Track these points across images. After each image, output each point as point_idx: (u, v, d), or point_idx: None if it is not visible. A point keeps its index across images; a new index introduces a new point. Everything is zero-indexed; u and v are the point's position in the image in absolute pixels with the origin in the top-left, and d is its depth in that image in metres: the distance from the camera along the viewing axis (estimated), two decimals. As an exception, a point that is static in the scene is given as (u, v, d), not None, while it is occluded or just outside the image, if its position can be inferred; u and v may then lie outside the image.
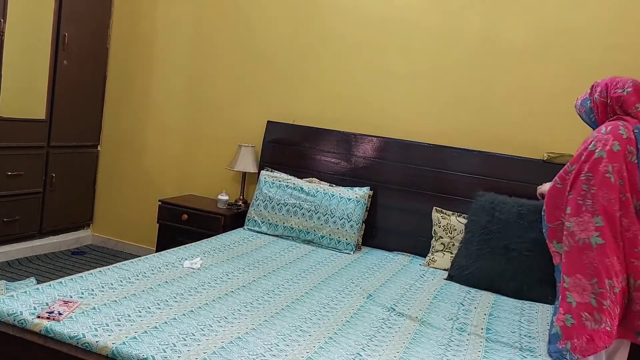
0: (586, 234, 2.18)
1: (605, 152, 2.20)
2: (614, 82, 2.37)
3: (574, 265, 2.18)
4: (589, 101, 2.45)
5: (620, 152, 2.19)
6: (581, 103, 2.50)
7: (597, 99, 2.40)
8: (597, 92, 2.40)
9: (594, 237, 2.16)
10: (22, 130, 3.97)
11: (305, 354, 1.94)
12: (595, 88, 2.43)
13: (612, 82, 2.37)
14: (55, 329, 1.88)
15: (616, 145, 2.20)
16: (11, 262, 3.99)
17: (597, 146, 2.22)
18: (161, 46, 4.50)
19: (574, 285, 2.17)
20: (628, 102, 2.31)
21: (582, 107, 2.50)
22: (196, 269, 2.75)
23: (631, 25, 3.36)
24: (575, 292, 2.17)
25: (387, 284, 2.95)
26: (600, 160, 2.20)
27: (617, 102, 2.33)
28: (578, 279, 2.18)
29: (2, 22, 3.70)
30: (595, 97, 2.41)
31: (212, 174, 4.34)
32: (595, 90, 2.43)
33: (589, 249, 2.17)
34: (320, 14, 4.03)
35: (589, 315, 2.13)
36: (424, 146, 3.69)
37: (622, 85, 2.34)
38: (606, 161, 2.19)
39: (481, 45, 3.65)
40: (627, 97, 2.30)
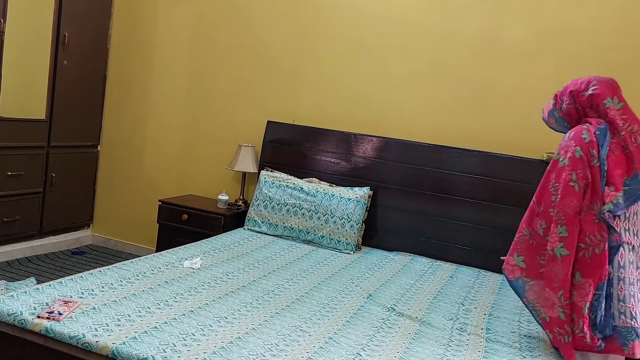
0: (551, 245, 2.17)
1: (567, 159, 2.19)
2: (577, 86, 2.33)
3: (548, 279, 2.18)
4: (557, 111, 2.42)
5: (583, 157, 2.17)
6: (549, 115, 2.48)
7: (566, 108, 2.37)
8: (565, 101, 2.37)
9: (558, 249, 2.15)
10: (22, 130, 3.97)
11: (305, 354, 1.94)
12: (560, 97, 2.40)
13: (576, 87, 2.33)
14: (55, 329, 1.88)
15: (578, 151, 2.19)
16: (11, 262, 3.99)
17: (561, 154, 2.23)
18: (161, 46, 4.50)
19: (546, 299, 2.18)
20: (597, 99, 2.26)
21: (550, 119, 2.47)
22: (196, 269, 2.75)
23: (631, 26, 3.36)
24: (546, 307, 2.19)
25: (387, 284, 2.95)
26: (564, 168, 2.19)
27: (587, 104, 2.29)
28: (547, 292, 2.18)
29: (2, 22, 3.70)
30: (563, 107, 2.38)
31: (212, 174, 4.34)
32: (560, 99, 2.40)
33: (554, 260, 2.16)
34: (320, 14, 4.03)
35: (560, 330, 2.15)
36: (424, 146, 3.69)
37: (585, 86, 2.30)
38: (569, 169, 2.18)
39: (481, 45, 3.65)
40: (595, 95, 2.26)
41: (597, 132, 2.22)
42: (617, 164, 2.22)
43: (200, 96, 4.40)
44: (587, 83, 2.30)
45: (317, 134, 3.95)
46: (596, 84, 2.28)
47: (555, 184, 2.22)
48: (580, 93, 2.30)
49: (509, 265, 2.36)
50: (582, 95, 2.29)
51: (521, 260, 2.31)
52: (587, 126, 2.26)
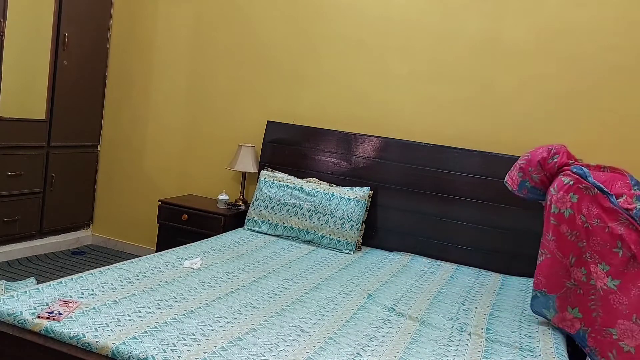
0: (600, 283, 2.31)
1: (569, 208, 2.40)
2: (542, 157, 2.58)
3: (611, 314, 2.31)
4: (528, 182, 2.65)
5: (580, 198, 2.39)
6: (519, 188, 2.69)
7: (537, 177, 2.61)
8: (534, 172, 2.60)
9: (610, 282, 2.31)
10: (22, 130, 3.97)
11: (305, 354, 1.94)
12: (526, 169, 2.63)
13: (541, 157, 2.58)
14: (55, 329, 1.88)
15: (572, 196, 2.40)
16: (11, 262, 3.99)
17: (560, 208, 2.43)
18: (161, 46, 4.50)
19: (622, 331, 2.28)
20: (561, 164, 2.53)
21: (522, 190, 2.69)
22: (196, 269, 2.75)
23: (632, 26, 3.36)
24: (627, 338, 2.28)
25: (388, 283, 2.95)
26: (572, 216, 2.39)
27: (554, 169, 2.55)
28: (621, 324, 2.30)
29: (2, 22, 3.70)
30: (533, 177, 2.61)
31: (212, 174, 4.34)
32: (528, 171, 2.63)
33: (611, 293, 2.30)
34: (320, 13, 4.03)
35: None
36: (424, 146, 3.69)
37: (548, 154, 2.57)
38: (577, 214, 2.38)
39: (481, 45, 3.65)
40: (561, 162, 2.53)
41: (573, 170, 2.45)
42: (610, 179, 2.44)
43: (200, 96, 4.40)
44: (548, 151, 2.58)
45: (317, 134, 3.94)
46: (556, 151, 2.57)
47: (572, 231, 2.40)
48: (546, 161, 2.57)
49: (567, 321, 2.49)
50: (548, 163, 2.56)
51: (577, 311, 2.44)
52: (560, 176, 2.50)
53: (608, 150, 3.41)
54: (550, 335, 2.48)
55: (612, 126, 3.41)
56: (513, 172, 2.73)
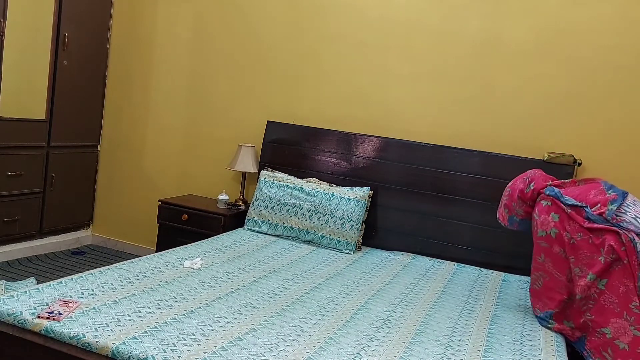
0: (590, 291, 2.42)
1: (553, 228, 2.52)
2: (519, 189, 2.71)
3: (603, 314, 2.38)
4: (515, 217, 2.78)
5: (561, 216, 2.51)
6: (510, 223, 2.82)
7: (521, 211, 2.74)
8: (517, 207, 2.74)
9: (600, 284, 2.40)
10: (22, 130, 3.97)
11: (305, 354, 1.94)
12: (510, 206, 2.77)
13: (519, 190, 2.71)
14: (55, 329, 1.88)
15: (554, 216, 2.54)
16: (11, 262, 3.99)
17: (546, 229, 2.55)
18: (161, 46, 4.50)
19: (615, 329, 2.35)
20: (538, 190, 2.67)
21: (513, 224, 2.82)
22: (196, 269, 2.75)
23: (631, 26, 3.36)
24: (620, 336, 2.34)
25: (389, 284, 2.95)
26: (558, 235, 2.51)
27: (534, 196, 2.68)
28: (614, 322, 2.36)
29: (2, 22, 3.70)
30: (517, 211, 2.75)
31: (212, 174, 4.34)
32: (512, 207, 2.76)
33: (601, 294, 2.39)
34: (320, 14, 4.02)
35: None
36: (424, 146, 3.69)
37: (524, 185, 2.71)
38: (562, 232, 2.50)
39: (481, 45, 3.65)
40: (537, 188, 2.66)
41: (547, 192, 2.59)
42: (583, 191, 2.59)
43: (200, 96, 4.39)
44: (523, 182, 2.72)
45: (317, 134, 3.94)
46: (531, 179, 2.70)
47: (563, 249, 2.51)
48: (524, 192, 2.69)
49: (568, 330, 2.54)
50: (525, 193, 2.69)
51: (571, 323, 2.53)
52: (539, 201, 2.64)
53: (608, 150, 3.41)
54: (551, 334, 2.49)
55: (612, 126, 3.41)
56: (501, 209, 2.86)
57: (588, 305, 2.43)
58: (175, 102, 4.48)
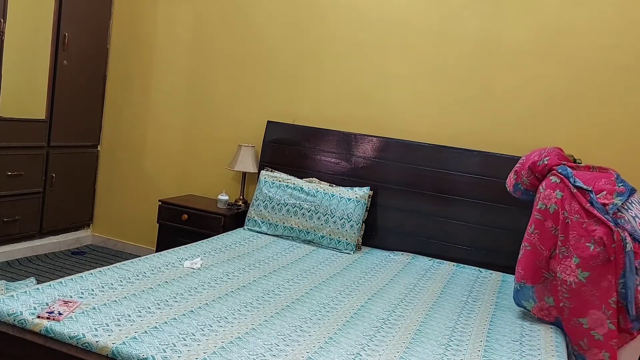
0: (572, 277, 2.46)
1: (554, 204, 2.56)
2: (532, 161, 2.75)
3: (583, 305, 2.45)
4: (520, 184, 2.83)
5: (565, 196, 2.55)
6: (514, 189, 2.88)
7: (527, 181, 2.78)
8: (524, 176, 2.78)
9: (580, 275, 2.43)
10: (22, 130, 3.97)
11: (305, 354, 1.94)
12: (520, 172, 2.81)
13: (531, 162, 2.75)
14: (55, 329, 1.88)
15: (558, 193, 2.56)
16: (11, 262, 3.99)
17: (547, 203, 2.58)
18: (161, 46, 4.50)
19: (593, 320, 2.43)
20: (551, 166, 2.69)
21: (517, 192, 2.87)
22: (196, 269, 2.75)
23: (631, 26, 3.36)
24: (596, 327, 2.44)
25: (389, 284, 2.95)
26: (556, 212, 2.55)
27: (544, 170, 2.71)
28: (593, 314, 2.44)
29: (2, 22, 3.70)
30: (524, 180, 2.79)
31: (212, 174, 4.34)
32: (520, 174, 2.81)
33: (583, 285, 2.43)
34: (320, 14, 4.02)
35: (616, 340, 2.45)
36: (424, 146, 3.69)
37: (539, 157, 2.74)
38: (560, 210, 2.53)
39: (481, 45, 3.65)
40: (550, 164, 2.70)
41: (559, 170, 2.63)
42: (594, 177, 2.62)
43: (200, 96, 4.40)
44: (539, 155, 2.75)
45: (317, 134, 3.95)
46: (547, 154, 2.73)
47: (556, 226, 2.54)
48: (536, 164, 2.73)
49: (545, 310, 2.61)
50: (537, 165, 2.72)
51: (552, 300, 2.58)
52: (549, 176, 2.67)
53: (608, 149, 3.41)
54: (551, 334, 2.49)
55: (612, 126, 3.41)
56: (511, 174, 2.90)
57: (563, 288, 2.49)
58: (175, 102, 4.48)
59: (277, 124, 4.06)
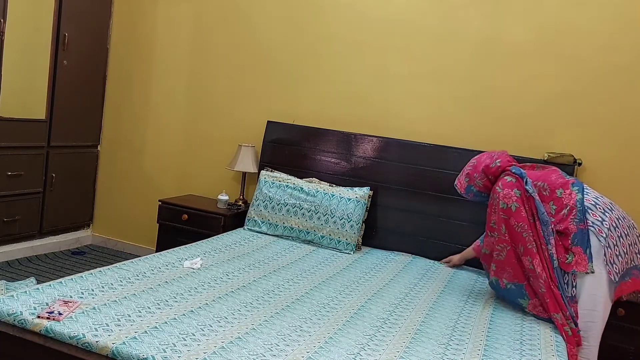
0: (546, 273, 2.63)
1: (515, 202, 2.66)
2: (485, 164, 2.87)
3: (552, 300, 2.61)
4: (473, 187, 2.94)
5: (522, 194, 2.68)
6: (466, 192, 2.99)
7: (480, 183, 2.90)
8: (477, 178, 2.90)
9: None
10: (22, 130, 3.97)
11: (305, 354, 1.94)
12: (473, 175, 2.92)
13: (484, 165, 2.87)
14: (55, 329, 1.88)
15: (516, 192, 2.68)
16: (11, 262, 3.99)
17: (508, 202, 2.67)
18: (161, 46, 4.50)
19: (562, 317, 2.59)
20: (504, 167, 2.83)
21: (469, 194, 2.98)
22: (196, 269, 2.75)
23: (631, 25, 3.36)
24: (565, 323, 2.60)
25: (389, 284, 2.95)
26: (518, 210, 2.65)
27: (497, 172, 2.84)
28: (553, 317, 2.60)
29: (2, 22, 3.70)
30: (477, 182, 2.91)
31: (212, 174, 4.34)
32: (473, 177, 2.92)
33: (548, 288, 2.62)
34: (320, 14, 4.03)
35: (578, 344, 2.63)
36: (424, 146, 3.69)
37: (491, 160, 2.86)
38: (521, 208, 2.66)
39: (481, 45, 3.65)
40: (503, 165, 2.82)
41: (513, 170, 2.75)
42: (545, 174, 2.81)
43: (200, 96, 4.40)
44: (490, 158, 2.88)
45: (317, 134, 3.94)
46: (497, 157, 2.86)
47: (519, 223, 2.65)
48: (489, 167, 2.85)
49: (539, 307, 2.68)
50: (490, 168, 2.85)
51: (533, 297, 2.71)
52: (503, 176, 2.79)
53: (608, 150, 3.41)
54: (551, 334, 2.49)
55: (611, 126, 3.41)
56: (461, 177, 3.01)
57: (542, 287, 2.60)
58: (175, 102, 4.48)
59: (277, 124, 4.06)
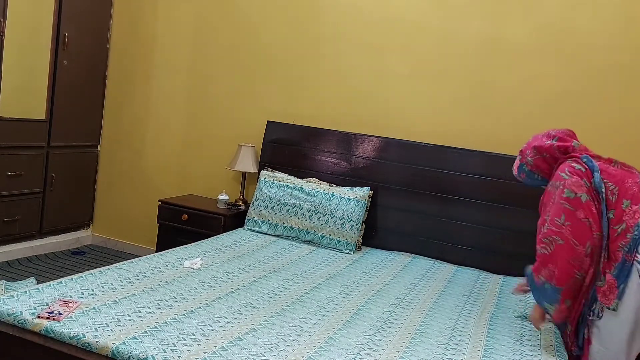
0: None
1: (585, 194, 2.27)
2: (539, 140, 2.54)
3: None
4: (525, 165, 2.59)
5: (590, 188, 2.30)
6: (518, 171, 2.64)
7: (532, 161, 2.55)
8: (530, 155, 2.56)
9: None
10: (22, 130, 3.97)
11: (305, 354, 1.94)
12: (524, 153, 2.59)
13: (538, 141, 2.54)
14: (55, 329, 1.88)
15: (587, 183, 2.30)
16: (11, 262, 3.99)
17: (577, 192, 2.28)
18: (161, 46, 4.50)
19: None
20: (564, 146, 2.48)
21: (521, 174, 2.64)
22: (196, 269, 2.75)
23: (631, 25, 3.36)
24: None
25: (389, 284, 2.95)
26: (588, 202, 2.27)
27: (555, 150, 2.49)
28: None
29: (2, 22, 3.69)
30: (528, 160, 2.56)
31: (212, 174, 4.33)
32: (525, 154, 2.58)
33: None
34: (320, 14, 4.02)
35: None
36: (424, 146, 3.69)
37: (547, 137, 2.53)
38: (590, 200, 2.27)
39: (482, 45, 3.65)
40: (561, 144, 2.48)
41: (584, 159, 2.36)
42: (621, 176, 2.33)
43: (200, 96, 4.39)
44: (548, 135, 2.54)
45: (317, 134, 3.94)
46: (555, 134, 2.53)
47: (589, 219, 2.25)
48: (543, 144, 2.51)
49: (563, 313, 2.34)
50: (545, 144, 2.50)
51: (569, 302, 2.31)
52: (569, 162, 2.40)
53: (608, 150, 3.39)
54: (552, 334, 2.48)
55: (612, 126, 3.41)
56: (517, 159, 2.68)
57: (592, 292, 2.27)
58: (175, 102, 4.48)
59: (277, 124, 4.05)
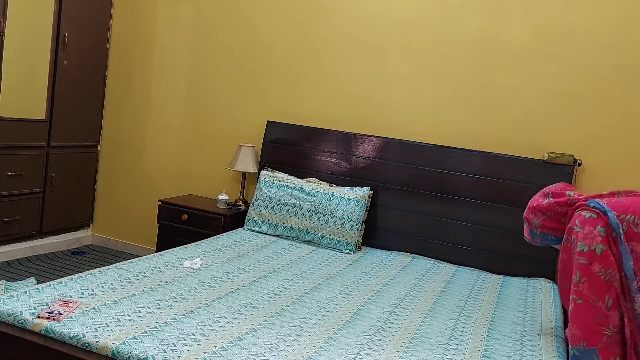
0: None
1: (600, 244, 2.14)
2: (537, 201, 2.46)
3: None
4: (534, 229, 2.50)
5: (608, 231, 2.16)
6: (532, 237, 2.53)
7: (539, 223, 2.46)
8: (534, 219, 2.47)
9: None
10: (22, 130, 3.97)
11: (305, 354, 1.94)
12: (528, 218, 2.50)
13: (536, 202, 2.46)
14: (55, 329, 1.88)
15: (601, 230, 2.16)
16: (11, 262, 3.99)
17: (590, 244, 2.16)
18: (161, 46, 4.50)
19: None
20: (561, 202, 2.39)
21: (535, 239, 2.52)
22: (196, 269, 2.75)
23: (631, 25, 3.36)
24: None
25: (389, 284, 2.95)
26: (605, 253, 2.14)
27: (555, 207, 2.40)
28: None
29: (2, 22, 3.70)
30: (535, 223, 2.47)
31: (212, 174, 4.34)
32: (530, 219, 2.50)
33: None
34: (320, 14, 4.02)
35: None
36: (424, 146, 3.69)
37: (543, 196, 2.46)
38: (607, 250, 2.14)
39: (481, 45, 3.65)
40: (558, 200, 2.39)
41: (591, 204, 2.23)
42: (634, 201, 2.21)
43: (200, 96, 4.39)
44: (542, 195, 2.47)
45: (317, 134, 3.94)
46: (549, 191, 2.45)
47: (606, 270, 2.13)
48: (541, 203, 2.43)
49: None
50: (543, 204, 2.42)
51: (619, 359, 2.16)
52: (578, 212, 2.28)
53: (608, 150, 3.41)
54: (552, 335, 2.49)
55: (612, 126, 3.41)
56: (524, 226, 2.58)
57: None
58: (175, 102, 4.48)
59: (277, 124, 4.06)
